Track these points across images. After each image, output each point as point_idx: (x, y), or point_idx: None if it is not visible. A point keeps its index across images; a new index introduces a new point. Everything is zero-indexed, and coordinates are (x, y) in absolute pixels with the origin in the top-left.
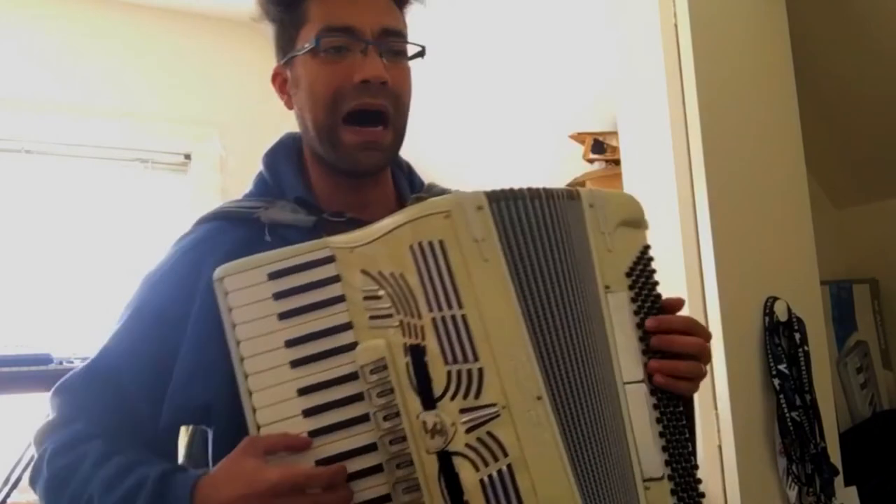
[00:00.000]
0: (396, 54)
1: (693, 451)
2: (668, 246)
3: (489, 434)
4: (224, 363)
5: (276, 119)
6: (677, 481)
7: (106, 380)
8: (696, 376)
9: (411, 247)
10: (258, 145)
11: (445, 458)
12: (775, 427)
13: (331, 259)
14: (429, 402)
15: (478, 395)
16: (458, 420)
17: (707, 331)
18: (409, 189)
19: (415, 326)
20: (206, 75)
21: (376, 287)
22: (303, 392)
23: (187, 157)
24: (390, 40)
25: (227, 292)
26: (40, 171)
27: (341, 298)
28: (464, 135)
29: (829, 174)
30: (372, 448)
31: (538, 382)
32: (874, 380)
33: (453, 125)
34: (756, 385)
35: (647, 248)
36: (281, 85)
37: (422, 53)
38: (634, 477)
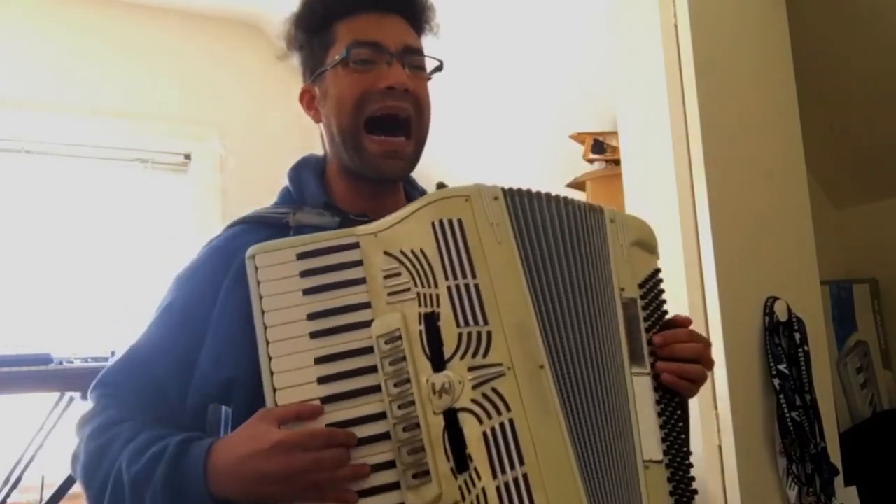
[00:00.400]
0: (417, 69)
1: (687, 448)
2: (668, 246)
3: (494, 390)
4: (247, 341)
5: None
6: (674, 470)
7: (138, 370)
8: (698, 378)
9: (433, 223)
10: (258, 145)
11: (451, 416)
12: (775, 427)
13: (355, 245)
14: (439, 364)
15: (486, 355)
16: (466, 378)
17: (707, 339)
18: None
19: (431, 296)
20: (206, 75)
21: (397, 265)
22: (319, 361)
23: (187, 157)
24: (412, 56)
25: (257, 268)
26: (40, 171)
27: (362, 280)
28: (464, 135)
29: (829, 174)
30: (381, 417)
31: (541, 352)
32: (874, 380)
33: (453, 125)
34: (756, 385)
35: (658, 270)
36: (309, 101)
37: (440, 68)
38: (636, 455)
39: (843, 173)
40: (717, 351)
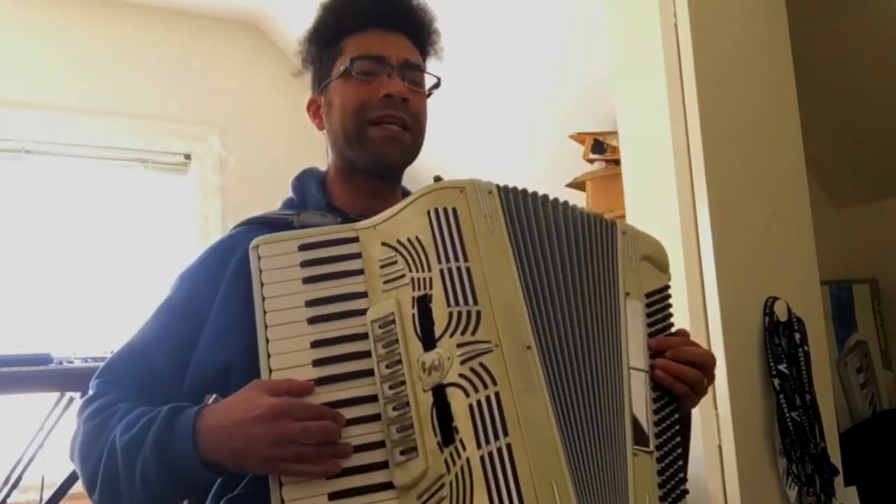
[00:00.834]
0: (416, 84)
1: (683, 450)
2: (668, 246)
3: (481, 365)
4: (247, 329)
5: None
6: (665, 464)
7: (137, 359)
8: (695, 382)
9: (428, 212)
10: (258, 145)
11: (439, 392)
12: (775, 427)
13: (355, 239)
14: (430, 342)
15: (474, 332)
16: (455, 353)
17: (710, 353)
18: None
19: (424, 279)
20: (206, 75)
21: (393, 254)
22: (315, 345)
23: (187, 157)
24: (411, 72)
25: (260, 257)
26: (40, 172)
27: (360, 271)
28: (464, 134)
29: (829, 174)
30: (372, 399)
31: (528, 333)
32: (874, 380)
33: (453, 125)
34: (756, 385)
35: (667, 287)
36: (315, 111)
37: (437, 85)
38: (626, 442)
39: (843, 173)
40: (717, 351)
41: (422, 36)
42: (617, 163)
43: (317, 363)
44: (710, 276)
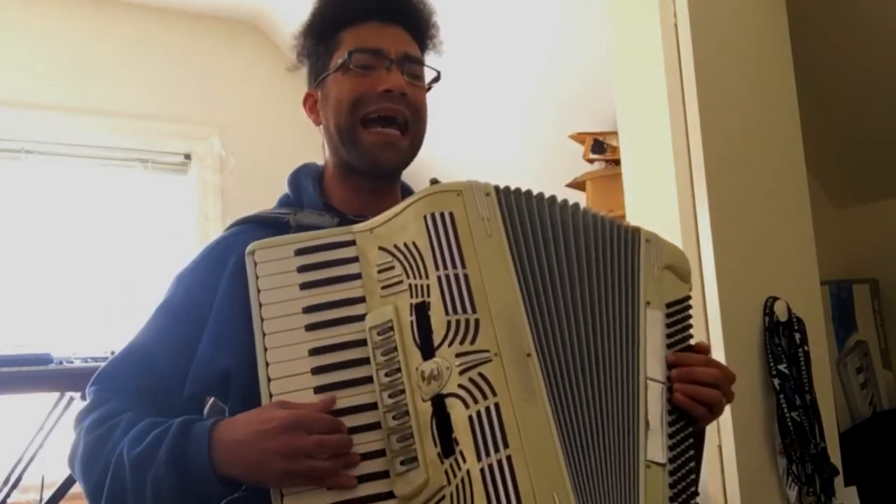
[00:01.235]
0: (416, 78)
1: (696, 479)
2: None
3: (480, 375)
4: (245, 334)
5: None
6: (677, 478)
7: (137, 362)
8: (714, 403)
9: (425, 217)
10: (258, 145)
11: (439, 402)
12: (775, 427)
13: (352, 242)
14: (428, 351)
15: (473, 341)
16: (454, 363)
17: (729, 370)
18: None
19: (422, 286)
20: (206, 75)
21: (390, 259)
22: (314, 353)
23: (187, 157)
24: (411, 65)
25: (256, 263)
26: (40, 172)
27: (357, 276)
28: (463, 134)
29: (829, 174)
30: (372, 406)
31: (528, 341)
32: (874, 380)
33: (453, 125)
34: (756, 385)
35: (688, 297)
36: (311, 105)
37: (437, 79)
38: (639, 454)
39: (843, 173)
40: (717, 351)
41: (421, 29)
42: (617, 163)
43: (316, 371)
44: (710, 276)
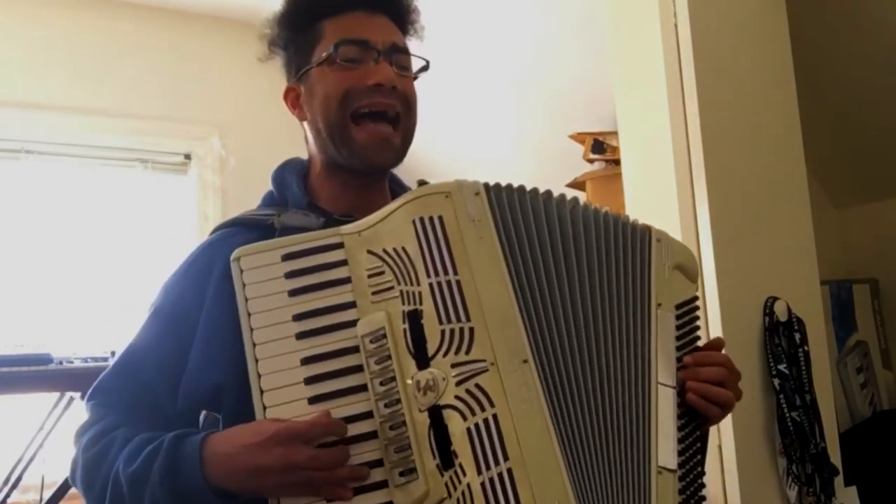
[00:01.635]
0: (404, 69)
1: (702, 468)
2: None
3: (477, 386)
4: (235, 346)
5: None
6: (687, 483)
7: (129, 375)
8: (726, 403)
9: (413, 221)
10: (258, 145)
11: (436, 413)
12: (775, 427)
13: (340, 245)
14: (423, 361)
15: (468, 351)
16: (450, 374)
17: (737, 370)
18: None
19: (413, 293)
20: (206, 75)
21: (380, 263)
22: (306, 362)
23: (187, 157)
24: (399, 56)
25: (242, 270)
26: (40, 172)
27: (347, 280)
28: (463, 134)
29: (829, 174)
30: (367, 416)
31: (525, 347)
32: (874, 380)
33: (453, 125)
34: (756, 385)
35: (696, 298)
36: (294, 100)
37: (426, 68)
38: (650, 460)
39: (843, 173)
40: None
41: (403, 15)
42: (617, 163)
43: (309, 381)
44: (710, 276)
